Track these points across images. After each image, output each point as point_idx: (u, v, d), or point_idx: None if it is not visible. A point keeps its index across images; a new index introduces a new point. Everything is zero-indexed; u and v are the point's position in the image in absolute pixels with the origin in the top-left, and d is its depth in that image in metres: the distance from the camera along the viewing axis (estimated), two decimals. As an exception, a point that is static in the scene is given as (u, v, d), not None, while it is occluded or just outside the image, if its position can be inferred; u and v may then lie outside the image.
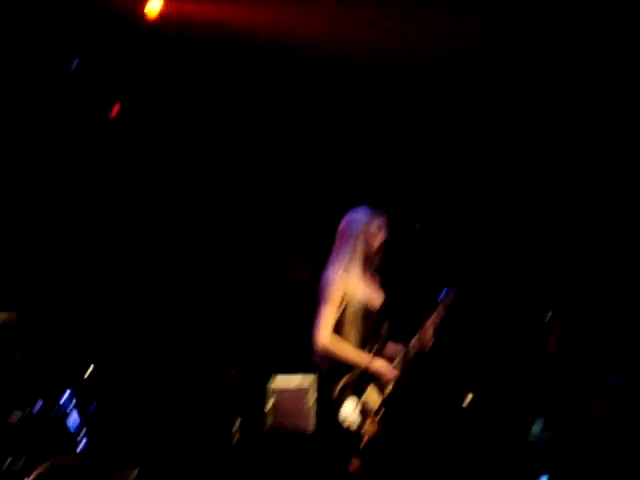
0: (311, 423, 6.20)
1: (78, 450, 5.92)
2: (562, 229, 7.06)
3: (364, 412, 5.27)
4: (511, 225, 7.21)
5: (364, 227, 5.46)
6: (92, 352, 6.67)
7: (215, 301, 7.34)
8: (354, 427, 5.22)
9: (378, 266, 5.52)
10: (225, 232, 7.46)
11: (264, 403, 6.40)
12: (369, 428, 5.24)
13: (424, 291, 6.09)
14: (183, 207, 7.38)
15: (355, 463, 5.29)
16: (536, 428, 6.60)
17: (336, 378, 5.32)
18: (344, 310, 5.36)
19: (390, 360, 5.41)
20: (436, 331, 5.49)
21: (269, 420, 6.40)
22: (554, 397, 6.00)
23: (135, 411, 6.56)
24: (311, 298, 5.49)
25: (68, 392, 5.97)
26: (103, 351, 6.81)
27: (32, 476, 3.85)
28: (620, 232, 6.83)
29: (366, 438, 5.22)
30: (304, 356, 5.60)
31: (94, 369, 6.38)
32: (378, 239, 5.48)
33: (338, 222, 5.55)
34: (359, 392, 5.30)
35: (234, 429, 6.25)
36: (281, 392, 6.44)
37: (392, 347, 5.51)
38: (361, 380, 5.32)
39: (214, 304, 7.32)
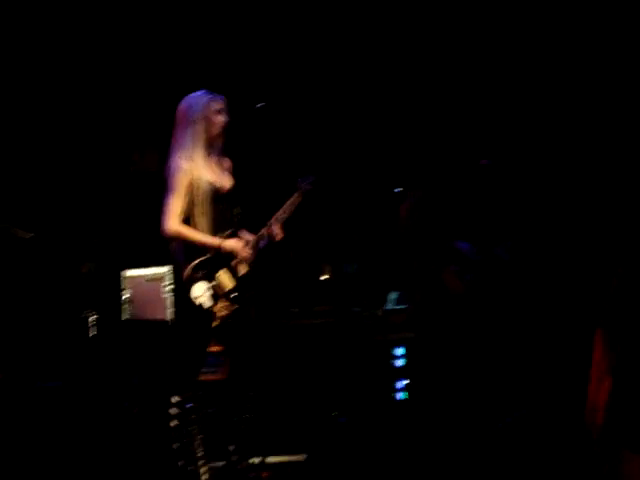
0: (168, 311, 6.19)
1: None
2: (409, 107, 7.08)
3: (215, 295, 5.29)
4: (365, 107, 7.21)
5: (203, 111, 5.33)
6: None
7: (65, 196, 7.19)
8: (205, 307, 5.25)
9: (222, 149, 5.48)
10: (71, 127, 7.26)
11: (120, 294, 6.36)
12: (221, 310, 5.27)
13: (279, 175, 6.08)
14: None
15: (214, 346, 5.34)
16: (391, 299, 6.76)
17: (189, 263, 5.32)
18: (192, 197, 5.31)
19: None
20: (290, 217, 5.50)
21: (126, 311, 6.36)
22: (407, 268, 6.10)
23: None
24: (161, 187, 5.43)
25: None
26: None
27: None
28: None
29: (218, 321, 5.26)
30: (158, 247, 5.57)
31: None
32: (218, 122, 5.38)
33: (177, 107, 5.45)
34: (211, 274, 5.31)
35: (90, 322, 6.19)
36: (136, 281, 6.41)
37: (245, 234, 5.51)
38: (213, 263, 5.32)
39: (64, 200, 7.18)
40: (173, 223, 5.26)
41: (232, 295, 5.32)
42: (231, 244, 5.34)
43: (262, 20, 7.12)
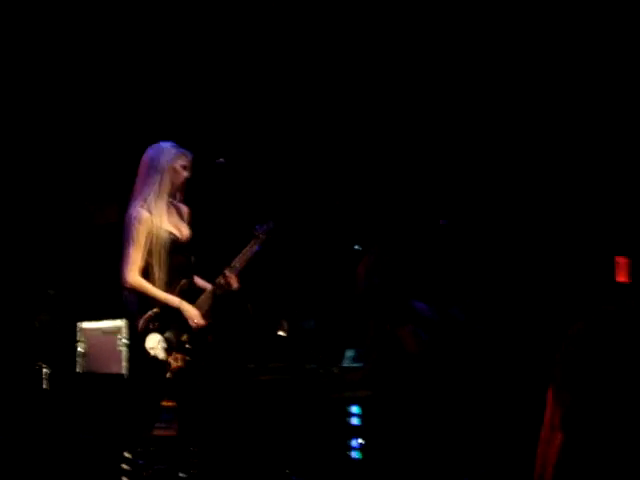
0: (123, 365, 6.14)
1: None
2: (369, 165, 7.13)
3: (169, 347, 5.26)
4: (325, 166, 7.25)
5: (171, 162, 5.36)
6: None
7: (22, 245, 7.14)
8: (159, 358, 5.22)
9: (183, 200, 5.48)
10: (28, 178, 7.23)
11: (74, 347, 6.31)
12: (174, 362, 5.24)
13: (237, 225, 6.08)
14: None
15: (167, 401, 5.30)
16: (348, 356, 6.74)
17: (143, 314, 5.29)
18: (150, 246, 5.30)
19: (198, 295, 5.40)
20: (247, 265, 5.49)
21: (80, 364, 6.30)
22: (364, 326, 6.09)
23: None
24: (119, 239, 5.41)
25: None
26: None
27: None
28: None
29: (171, 373, 5.22)
30: (115, 299, 5.54)
31: None
32: (182, 176, 5.40)
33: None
34: (164, 326, 5.28)
35: (43, 375, 6.12)
36: (92, 334, 6.36)
37: (201, 282, 5.49)
38: (167, 314, 5.30)
39: (22, 248, 7.13)
40: (134, 274, 5.25)
41: (186, 347, 5.29)
42: (189, 311, 5.32)
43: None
